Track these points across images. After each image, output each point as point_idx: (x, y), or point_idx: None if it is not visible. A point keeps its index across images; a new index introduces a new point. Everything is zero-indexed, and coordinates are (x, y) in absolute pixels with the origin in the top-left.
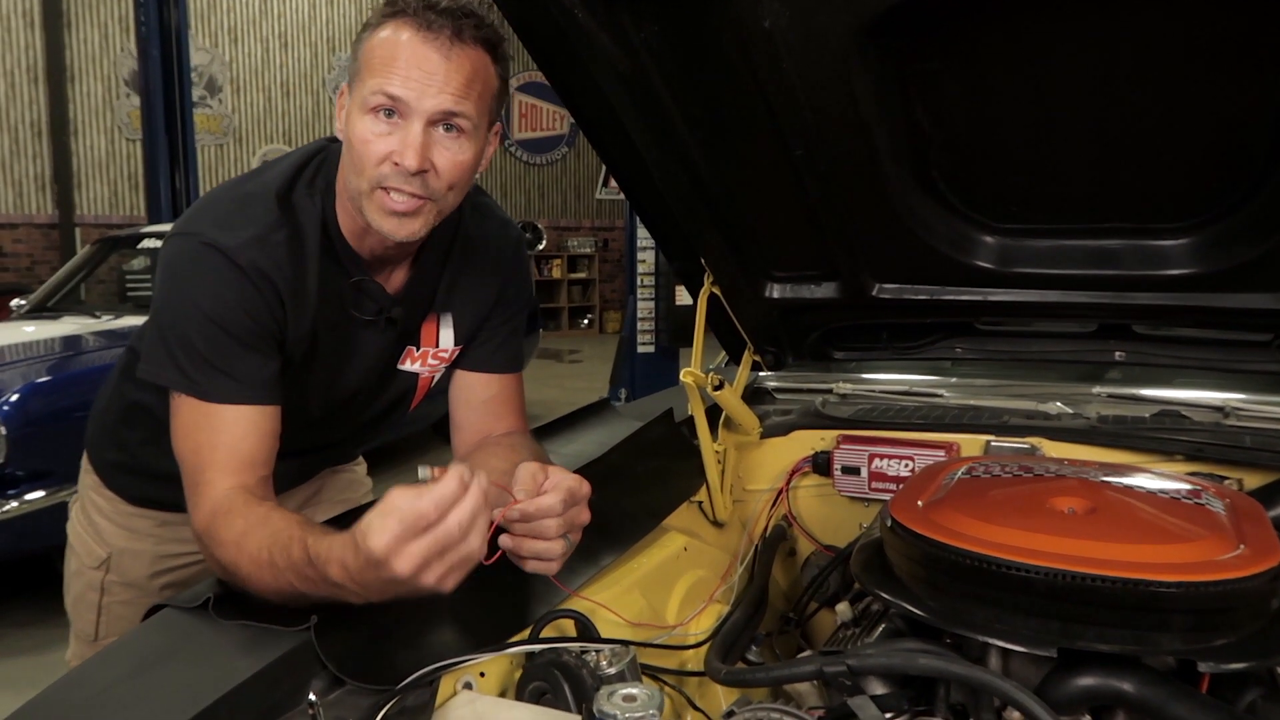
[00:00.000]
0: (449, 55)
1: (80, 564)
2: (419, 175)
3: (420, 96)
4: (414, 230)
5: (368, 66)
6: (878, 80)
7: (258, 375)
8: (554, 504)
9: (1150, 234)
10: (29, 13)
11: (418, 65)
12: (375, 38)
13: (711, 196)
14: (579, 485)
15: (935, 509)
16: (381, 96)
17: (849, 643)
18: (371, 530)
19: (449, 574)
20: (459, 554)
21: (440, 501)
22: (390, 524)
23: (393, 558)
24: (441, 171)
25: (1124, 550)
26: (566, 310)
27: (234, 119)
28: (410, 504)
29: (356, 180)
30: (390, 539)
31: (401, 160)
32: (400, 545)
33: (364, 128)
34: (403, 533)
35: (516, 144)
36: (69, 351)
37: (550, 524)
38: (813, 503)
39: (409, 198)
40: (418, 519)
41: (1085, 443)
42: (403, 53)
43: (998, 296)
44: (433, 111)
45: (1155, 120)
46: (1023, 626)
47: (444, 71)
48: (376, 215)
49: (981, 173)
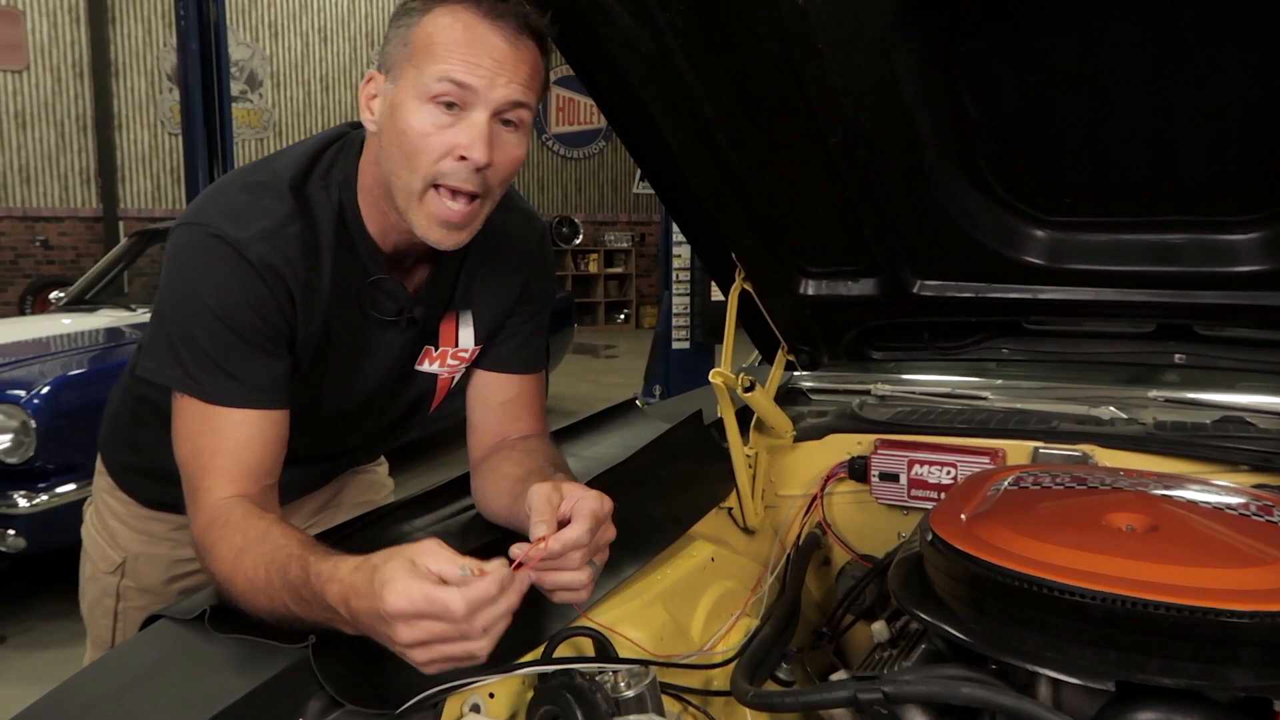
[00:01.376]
0: (516, 44)
1: (95, 569)
2: (480, 171)
3: (491, 85)
4: (461, 240)
5: (425, 51)
6: (920, 62)
7: (264, 377)
8: (580, 535)
9: (1216, 228)
10: (74, 9)
11: (487, 53)
12: (433, 22)
13: (742, 187)
14: (601, 504)
15: (980, 523)
16: (448, 84)
17: (885, 665)
18: (392, 588)
19: (442, 662)
20: (463, 649)
21: (474, 604)
22: (415, 594)
23: (400, 624)
24: (499, 166)
25: (1190, 574)
26: (603, 305)
27: (274, 113)
28: (443, 593)
29: (408, 176)
30: (407, 608)
31: (469, 154)
32: (414, 619)
33: (422, 118)
34: (423, 609)
35: (553, 138)
36: (102, 344)
37: (576, 555)
38: (848, 510)
39: (466, 201)
40: (443, 610)
41: (1141, 450)
42: (469, 36)
43: (1048, 294)
44: (501, 102)
45: (1222, 104)
46: (1076, 656)
47: (513, 60)
48: (425, 223)
49: (1032, 162)
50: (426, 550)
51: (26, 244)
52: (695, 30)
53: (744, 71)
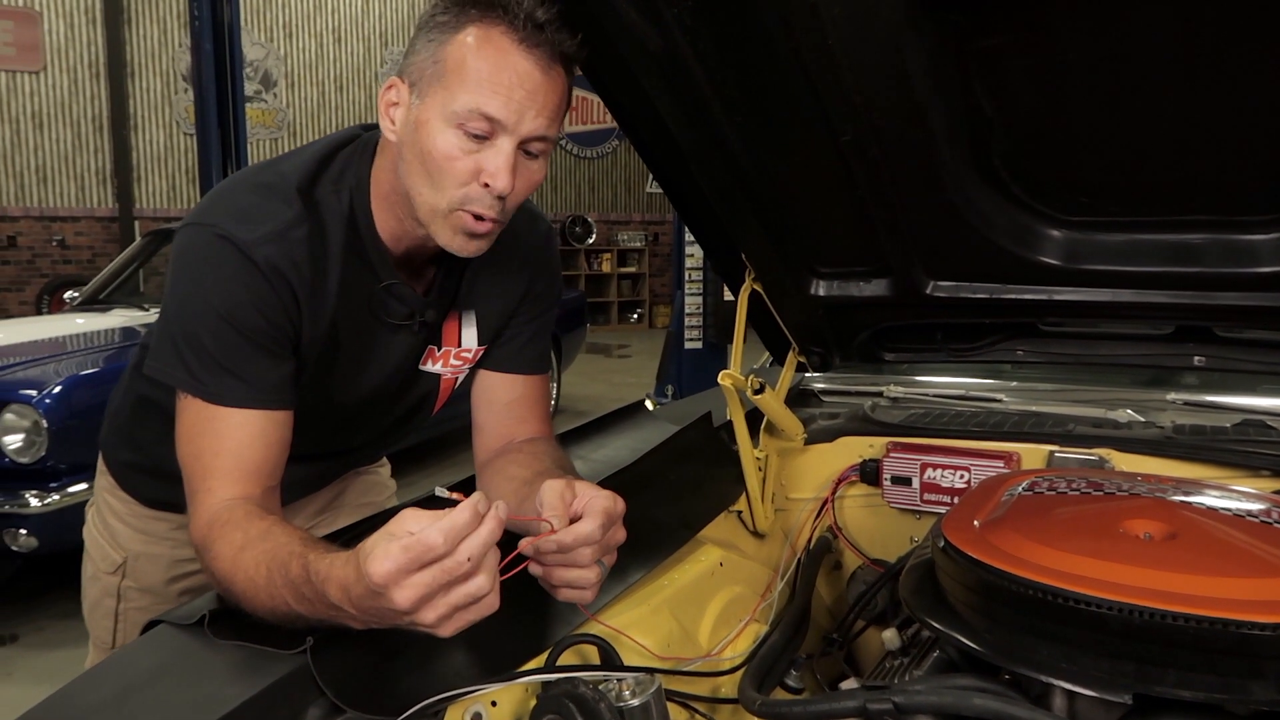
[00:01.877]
0: (549, 73)
1: (96, 569)
2: (501, 198)
3: (520, 119)
4: (481, 249)
5: (457, 75)
6: (933, 58)
7: (268, 378)
8: (592, 531)
9: (1237, 228)
10: (91, 10)
11: (520, 85)
12: (464, 44)
13: (752, 186)
14: (614, 504)
15: (993, 530)
16: (479, 118)
17: (896, 674)
18: (374, 555)
19: (451, 615)
20: (464, 592)
21: (451, 532)
22: (394, 550)
23: (392, 588)
24: (518, 193)
25: (1209, 584)
26: (616, 305)
27: (288, 113)
28: (418, 532)
29: (432, 195)
30: (392, 567)
31: (494, 183)
32: (402, 576)
33: (449, 142)
34: (407, 562)
35: (567, 137)
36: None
37: (586, 552)
38: (860, 514)
39: (490, 222)
40: (424, 550)
41: (1159, 455)
42: (504, 67)
43: (1064, 295)
44: (528, 135)
45: (1245, 101)
46: (1092, 667)
47: (544, 92)
48: (448, 234)
49: (1048, 160)
50: (402, 517)
51: (44, 243)
52: (703, 27)
53: (753, 69)
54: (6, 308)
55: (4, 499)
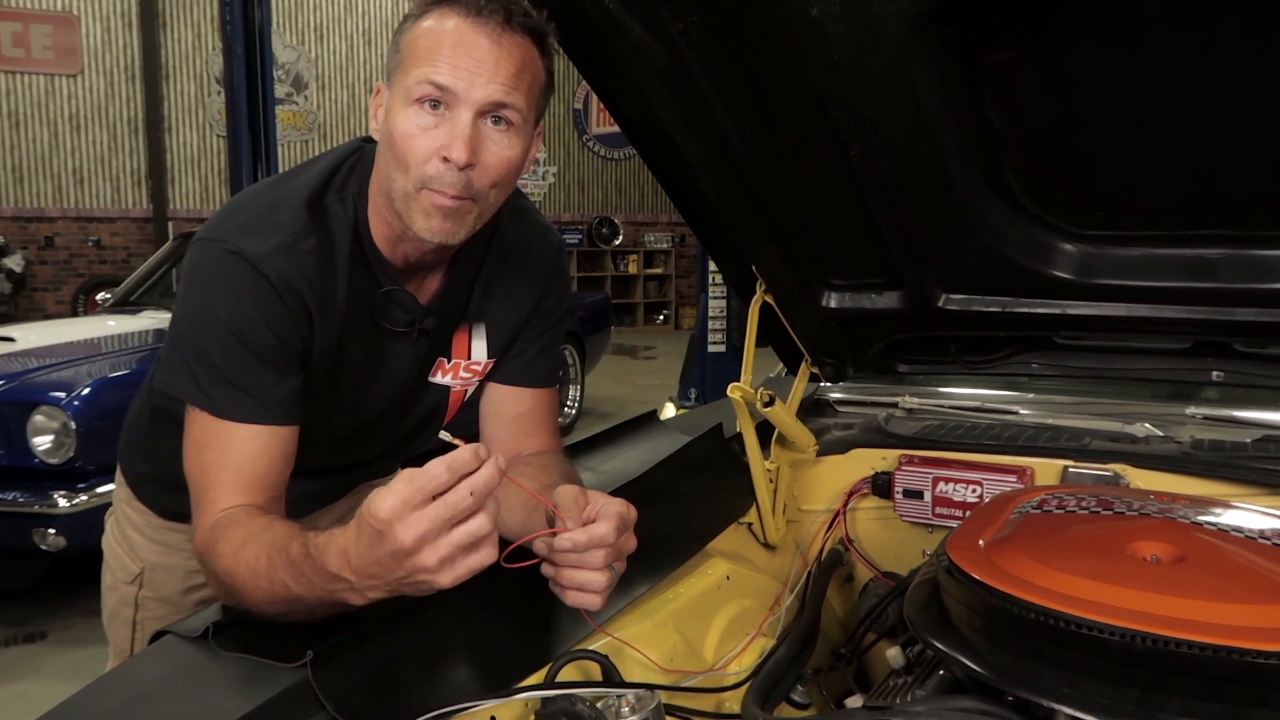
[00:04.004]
0: (499, 42)
1: (114, 579)
2: (464, 171)
3: (470, 86)
4: (453, 233)
5: (411, 56)
6: (941, 73)
7: (276, 393)
8: (607, 533)
9: (1254, 242)
10: (126, 13)
11: (466, 53)
12: (419, 27)
13: (761, 200)
14: (627, 510)
15: (998, 550)
16: (428, 86)
17: (899, 694)
18: (377, 496)
19: (453, 557)
20: (467, 530)
21: (454, 465)
22: (398, 486)
23: (397, 524)
24: (487, 167)
25: (1215, 610)
26: (642, 306)
27: (318, 115)
28: (424, 469)
29: (402, 179)
30: (397, 502)
31: (450, 154)
32: (406, 511)
33: (407, 121)
34: (410, 495)
35: (594, 139)
36: (144, 346)
37: (599, 554)
38: (872, 526)
39: (456, 200)
40: (428, 481)
41: (1176, 471)
42: (450, 39)
43: (1078, 310)
44: (483, 101)
45: (1260, 114)
46: (1095, 693)
47: (494, 59)
48: (420, 218)
49: (1061, 173)
50: (401, 472)
51: (80, 244)
52: (709, 42)
53: (760, 83)
54: (44, 307)
55: (33, 499)
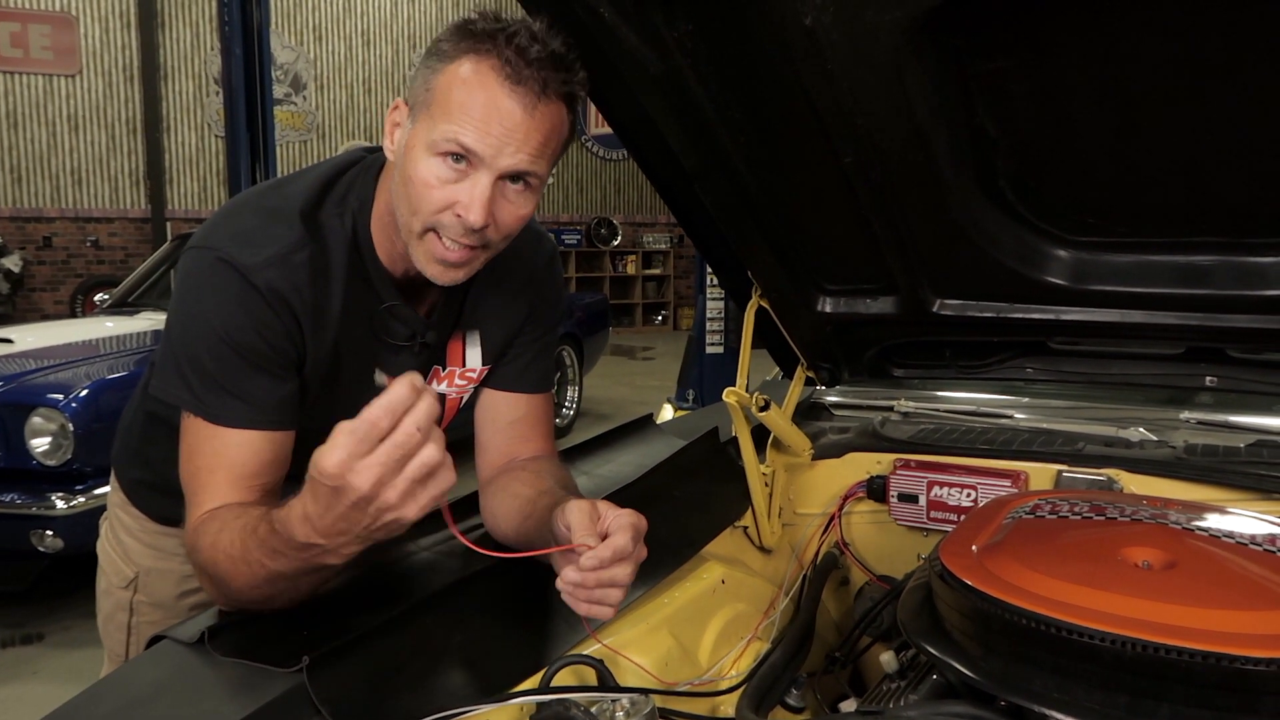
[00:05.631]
0: (532, 113)
1: (109, 583)
2: (478, 231)
3: (497, 154)
4: (459, 278)
5: (441, 105)
6: (934, 81)
7: (269, 399)
8: (626, 544)
9: (1246, 249)
10: (125, 14)
11: (499, 120)
12: (455, 74)
13: (756, 206)
14: (639, 520)
15: (990, 556)
16: (454, 145)
17: (892, 698)
18: (321, 454)
19: (413, 490)
20: (420, 462)
21: (391, 406)
22: (340, 439)
23: (349, 475)
24: (500, 224)
25: (1205, 616)
26: (640, 307)
27: (317, 115)
28: (360, 416)
29: (409, 218)
30: (343, 455)
31: (465, 214)
32: (354, 460)
33: (427, 170)
34: (355, 446)
35: (592, 139)
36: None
37: (621, 568)
38: (867, 530)
39: (462, 249)
40: (369, 429)
41: (1169, 476)
42: (483, 101)
43: (1072, 316)
44: (506, 170)
45: (1252, 122)
46: (1085, 698)
47: (525, 130)
48: (423, 259)
49: (1054, 180)
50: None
51: (78, 244)
52: (703, 50)
53: (755, 91)
54: (42, 307)
55: (31, 501)
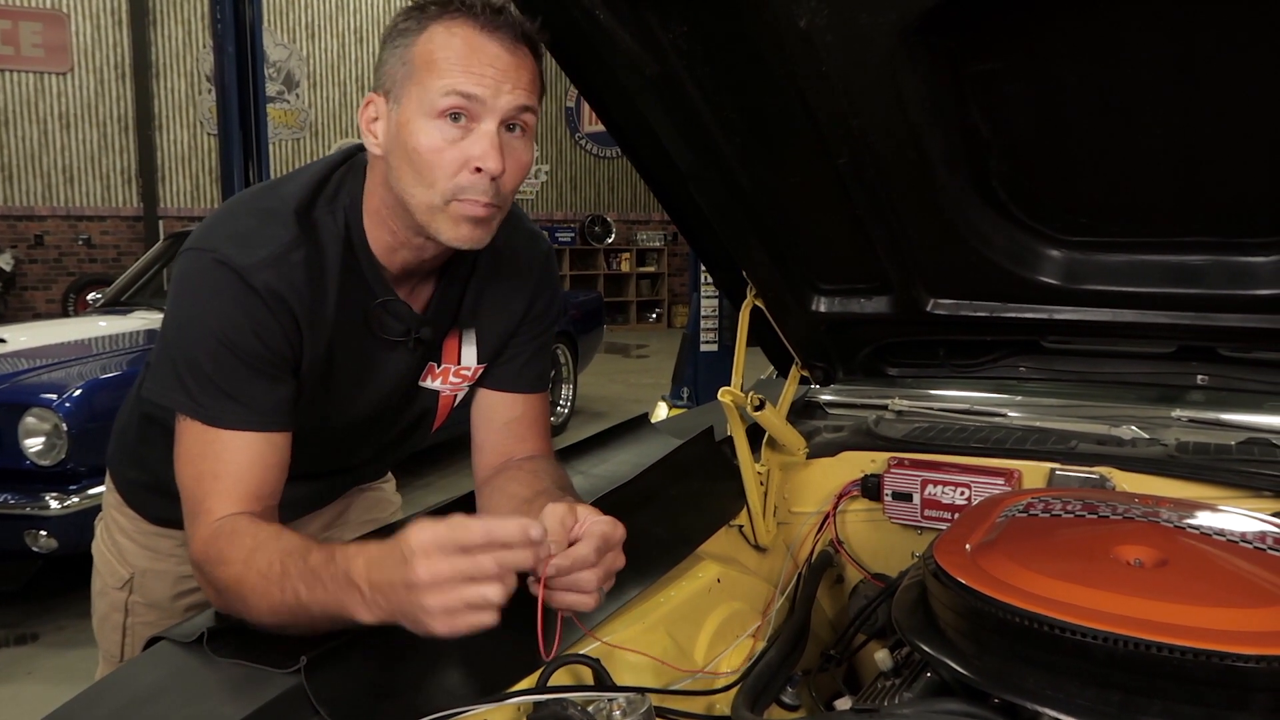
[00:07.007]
0: (515, 51)
1: (104, 584)
2: (494, 180)
3: (496, 94)
4: (481, 239)
5: (426, 68)
6: (928, 82)
7: (267, 401)
8: (588, 554)
9: (1238, 249)
10: (117, 11)
11: (489, 63)
12: (430, 40)
13: (751, 206)
14: (613, 529)
15: (984, 554)
16: (455, 97)
17: (886, 696)
18: (418, 527)
19: (455, 609)
20: (478, 592)
21: (491, 535)
22: (439, 527)
23: (420, 557)
24: (511, 173)
25: (1196, 614)
26: (634, 304)
27: (310, 113)
28: (465, 521)
29: (425, 193)
30: (430, 538)
31: (484, 164)
32: (434, 550)
33: (432, 135)
34: (444, 538)
35: (586, 137)
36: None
37: (586, 576)
38: (862, 528)
39: (486, 205)
40: (464, 534)
41: (1161, 474)
42: (470, 49)
43: (1065, 315)
44: (508, 109)
45: (1244, 122)
46: (1078, 696)
47: (514, 67)
48: (449, 227)
49: (1046, 181)
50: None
51: (70, 242)
52: (698, 52)
53: (750, 92)
54: (34, 306)
55: (25, 501)
